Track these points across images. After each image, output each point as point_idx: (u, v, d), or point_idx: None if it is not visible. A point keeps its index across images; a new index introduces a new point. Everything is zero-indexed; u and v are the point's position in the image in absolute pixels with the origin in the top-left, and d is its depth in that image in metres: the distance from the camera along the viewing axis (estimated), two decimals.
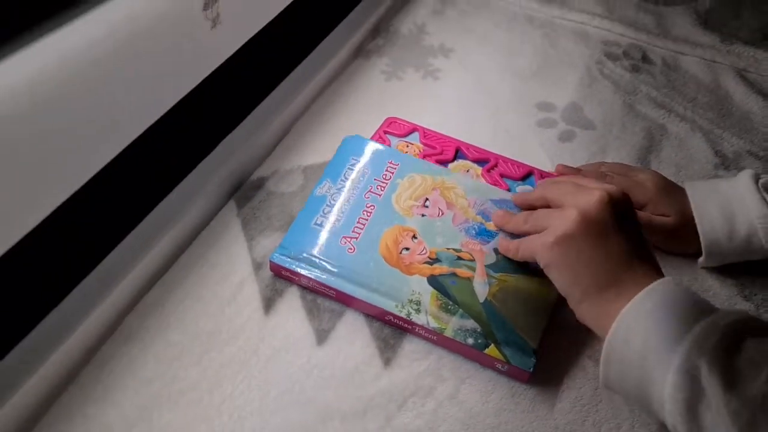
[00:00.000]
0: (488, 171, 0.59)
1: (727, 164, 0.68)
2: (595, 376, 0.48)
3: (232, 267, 0.55)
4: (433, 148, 0.61)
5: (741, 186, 0.56)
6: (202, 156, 0.59)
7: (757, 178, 0.56)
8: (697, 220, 0.55)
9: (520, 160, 0.62)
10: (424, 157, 0.60)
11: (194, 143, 0.60)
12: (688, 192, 0.57)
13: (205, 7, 0.49)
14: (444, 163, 0.60)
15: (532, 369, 0.48)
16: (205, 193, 0.58)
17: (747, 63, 0.80)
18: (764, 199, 0.54)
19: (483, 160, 0.61)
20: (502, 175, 0.59)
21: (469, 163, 0.60)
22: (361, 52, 0.78)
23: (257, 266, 0.55)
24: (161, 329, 0.50)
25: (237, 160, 0.61)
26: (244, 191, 0.60)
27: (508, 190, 0.58)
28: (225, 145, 0.61)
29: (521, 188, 0.59)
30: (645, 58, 0.81)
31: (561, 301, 0.47)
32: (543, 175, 0.60)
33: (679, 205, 0.57)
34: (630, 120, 0.72)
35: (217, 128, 0.62)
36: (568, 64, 0.79)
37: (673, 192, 0.58)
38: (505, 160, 0.61)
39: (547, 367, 0.50)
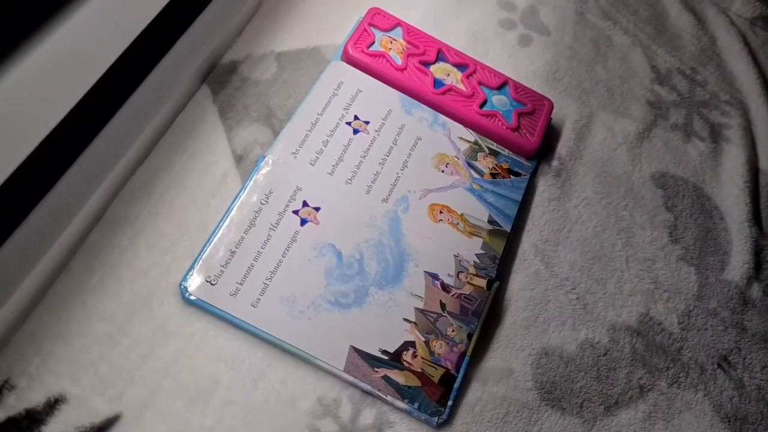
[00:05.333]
0: (467, 77, 0.61)
1: (661, 80, 0.74)
2: None
3: (213, 157, 0.54)
4: (416, 47, 0.61)
5: None
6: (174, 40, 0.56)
7: None
8: None
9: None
10: (408, 56, 0.60)
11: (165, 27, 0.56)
12: None
13: None
14: (426, 64, 0.61)
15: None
16: (177, 76, 0.55)
17: None
18: None
19: (463, 65, 0.62)
20: (480, 83, 0.61)
21: (450, 66, 0.61)
22: None
23: (238, 159, 0.55)
24: (150, 217, 0.50)
25: (205, 40, 0.58)
26: (217, 75, 0.58)
27: (486, 99, 0.61)
28: (194, 26, 0.58)
29: (496, 98, 0.61)
30: None
31: None
32: (517, 86, 0.63)
33: None
34: (580, 29, 0.76)
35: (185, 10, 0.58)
36: None
37: None
38: (483, 67, 0.63)
39: None
